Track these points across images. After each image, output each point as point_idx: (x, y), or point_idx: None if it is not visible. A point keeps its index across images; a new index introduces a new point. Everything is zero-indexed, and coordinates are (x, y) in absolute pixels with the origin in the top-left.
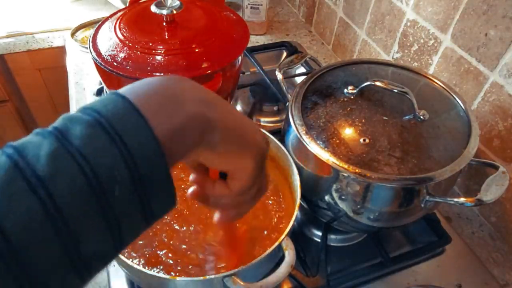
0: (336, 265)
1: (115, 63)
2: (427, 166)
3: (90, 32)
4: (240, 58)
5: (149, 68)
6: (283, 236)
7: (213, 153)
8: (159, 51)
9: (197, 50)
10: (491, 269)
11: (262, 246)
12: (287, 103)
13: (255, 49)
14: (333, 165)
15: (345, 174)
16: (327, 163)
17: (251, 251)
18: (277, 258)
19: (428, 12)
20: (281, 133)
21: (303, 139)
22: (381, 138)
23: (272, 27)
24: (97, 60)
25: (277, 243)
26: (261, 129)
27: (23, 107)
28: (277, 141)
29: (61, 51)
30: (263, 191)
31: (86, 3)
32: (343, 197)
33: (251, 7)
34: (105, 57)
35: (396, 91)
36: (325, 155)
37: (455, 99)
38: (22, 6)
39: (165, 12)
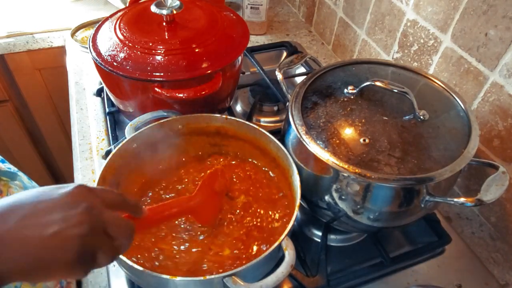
0: (336, 265)
1: (115, 63)
2: (427, 166)
3: (90, 32)
4: (240, 58)
5: (149, 68)
6: (283, 236)
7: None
8: (159, 51)
9: (197, 50)
10: (491, 269)
11: (262, 246)
12: (287, 103)
13: (255, 49)
14: (333, 165)
15: (345, 174)
16: (327, 163)
17: (251, 251)
18: (277, 258)
19: (428, 12)
20: (281, 133)
21: (303, 139)
22: (381, 138)
23: (272, 27)
24: (97, 60)
25: (277, 243)
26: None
27: (23, 107)
28: (277, 141)
29: (61, 51)
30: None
31: (86, 3)
32: (343, 197)
33: (251, 7)
34: (105, 57)
35: (396, 91)
36: (325, 155)
37: (455, 99)
38: (22, 6)
39: (165, 12)
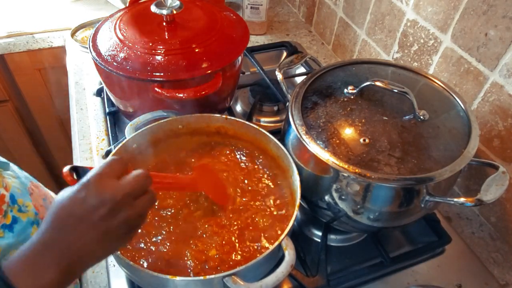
0: (336, 265)
1: (115, 63)
2: (427, 166)
3: (90, 32)
4: (240, 58)
5: (149, 68)
6: (283, 236)
7: None
8: (159, 51)
9: (197, 50)
10: (491, 269)
11: (262, 246)
12: (287, 103)
13: (255, 49)
14: (333, 165)
15: (345, 174)
16: (327, 163)
17: (251, 251)
18: (277, 258)
19: (428, 12)
20: (281, 133)
21: (303, 139)
22: (381, 138)
23: (272, 27)
24: (97, 60)
25: (277, 243)
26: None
27: (23, 107)
28: (277, 141)
29: (61, 51)
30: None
31: (86, 3)
32: (343, 197)
33: (251, 7)
34: (105, 57)
35: (396, 91)
36: (325, 155)
37: (455, 99)
38: (22, 6)
39: (165, 12)
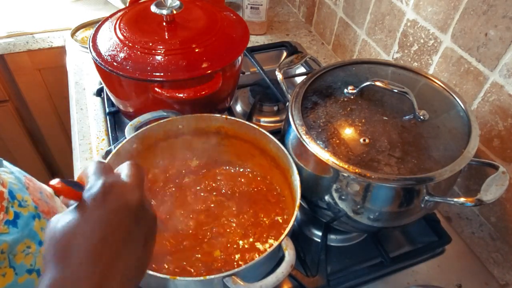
0: (336, 265)
1: (115, 63)
2: (427, 166)
3: (90, 32)
4: (240, 58)
5: (149, 68)
6: (283, 236)
7: None
8: (159, 51)
9: (197, 50)
10: (491, 269)
11: (262, 246)
12: (287, 103)
13: (255, 49)
14: (333, 165)
15: (345, 174)
16: (327, 163)
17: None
18: (277, 258)
19: (428, 12)
20: (281, 133)
21: (303, 139)
22: (381, 138)
23: (272, 27)
24: (97, 60)
25: (277, 243)
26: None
27: (23, 107)
28: (277, 141)
29: (61, 51)
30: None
31: (86, 3)
32: (343, 197)
33: (251, 7)
34: (105, 57)
35: (396, 91)
36: (325, 155)
37: (455, 99)
38: (22, 6)
39: (165, 12)
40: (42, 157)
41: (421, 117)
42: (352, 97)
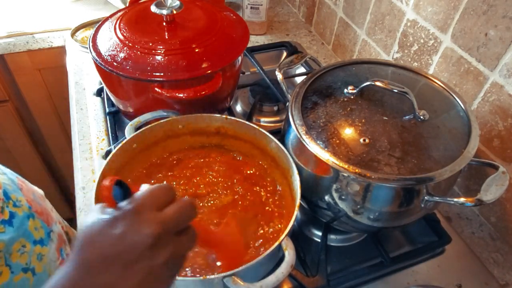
0: (336, 265)
1: (115, 63)
2: (427, 166)
3: (90, 32)
4: (240, 58)
5: (149, 68)
6: (283, 236)
7: None
8: (159, 51)
9: (197, 50)
10: (491, 269)
11: (262, 246)
12: (287, 103)
13: (255, 49)
14: (333, 165)
15: (345, 174)
16: (327, 163)
17: (251, 251)
18: (277, 258)
19: (428, 12)
20: (281, 133)
21: (303, 139)
22: (381, 138)
23: (272, 27)
24: (97, 60)
25: (277, 243)
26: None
27: (23, 107)
28: (277, 141)
29: (61, 51)
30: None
31: (86, 3)
32: (343, 197)
33: (251, 7)
34: (105, 57)
35: (396, 91)
36: (325, 155)
37: (455, 99)
38: (22, 6)
39: (165, 12)
40: (42, 157)
41: (421, 117)
42: (352, 97)
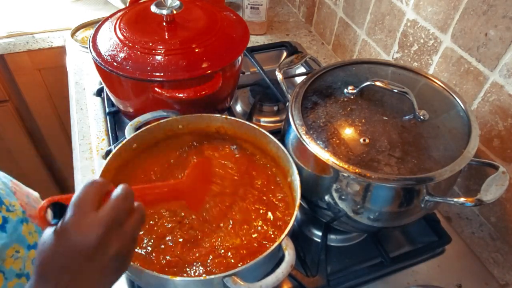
0: (336, 265)
1: (115, 63)
2: (427, 166)
3: (90, 32)
4: (240, 58)
5: (149, 68)
6: (283, 236)
7: None
8: (159, 51)
9: (197, 50)
10: (491, 269)
11: (262, 246)
12: (287, 103)
13: (255, 49)
14: (333, 165)
15: (345, 174)
16: (327, 163)
17: (251, 251)
18: (277, 258)
19: (428, 12)
20: (281, 133)
21: (303, 139)
22: (381, 138)
23: (272, 27)
24: (97, 60)
25: (277, 243)
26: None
27: (23, 107)
28: (277, 141)
29: (61, 51)
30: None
31: (86, 3)
32: (343, 197)
33: (251, 7)
34: (105, 57)
35: (396, 91)
36: (325, 155)
37: (455, 99)
38: (22, 6)
39: (165, 12)
40: (42, 157)
41: (421, 117)
42: (352, 97)
